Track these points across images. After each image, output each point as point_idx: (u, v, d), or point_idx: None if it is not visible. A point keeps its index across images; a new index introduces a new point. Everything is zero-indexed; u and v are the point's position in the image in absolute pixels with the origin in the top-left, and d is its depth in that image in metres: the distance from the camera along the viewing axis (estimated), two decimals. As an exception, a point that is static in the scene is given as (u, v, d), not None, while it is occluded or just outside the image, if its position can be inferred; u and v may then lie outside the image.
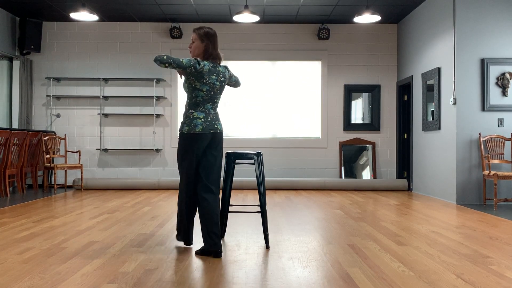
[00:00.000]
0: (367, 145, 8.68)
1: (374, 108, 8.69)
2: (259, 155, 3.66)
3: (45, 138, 7.69)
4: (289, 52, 8.68)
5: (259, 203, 3.65)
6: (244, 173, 8.35)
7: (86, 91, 8.63)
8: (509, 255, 3.36)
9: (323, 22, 8.51)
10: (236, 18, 7.21)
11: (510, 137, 6.29)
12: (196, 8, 7.79)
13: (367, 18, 7.06)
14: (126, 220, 4.80)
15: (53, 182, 7.98)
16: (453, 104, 6.41)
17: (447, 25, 6.60)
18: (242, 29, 8.66)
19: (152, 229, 4.31)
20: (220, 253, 3.27)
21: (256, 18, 7.14)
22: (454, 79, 6.38)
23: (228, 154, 3.75)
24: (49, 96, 8.57)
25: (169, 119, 8.67)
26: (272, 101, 8.73)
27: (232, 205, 3.97)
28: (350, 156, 8.69)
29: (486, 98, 6.30)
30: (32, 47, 8.31)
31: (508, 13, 6.34)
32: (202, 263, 3.10)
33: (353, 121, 8.76)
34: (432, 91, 7.10)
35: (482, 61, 6.32)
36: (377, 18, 7.06)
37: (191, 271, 2.91)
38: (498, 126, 6.34)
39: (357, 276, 2.80)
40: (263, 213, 3.62)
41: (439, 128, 6.85)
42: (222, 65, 3.54)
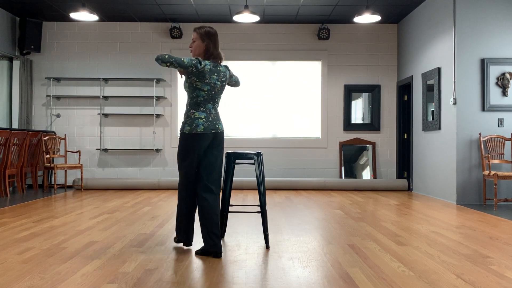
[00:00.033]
0: (367, 145, 8.68)
1: (374, 108, 8.69)
2: (259, 155, 3.66)
3: (45, 138, 7.69)
4: (289, 52, 8.68)
5: (259, 203, 3.65)
6: (244, 173, 8.35)
7: (86, 91, 8.63)
8: (509, 255, 3.36)
9: (323, 22, 8.51)
10: (236, 18, 7.21)
11: (510, 137, 6.29)
12: (196, 8, 7.79)
13: (367, 18, 7.06)
14: (126, 220, 4.80)
15: (53, 182, 7.98)
16: (453, 104, 6.41)
17: (447, 25, 6.60)
18: (242, 29, 8.66)
19: (152, 229, 4.31)
20: (220, 253, 3.27)
21: (256, 18, 7.14)
22: (454, 79, 6.38)
23: (228, 154, 3.75)
24: (49, 96, 8.57)
25: (169, 119, 8.67)
26: (272, 101, 8.73)
27: (232, 205, 3.96)
28: (350, 156, 8.69)
29: (486, 98, 6.30)
30: (32, 47, 8.31)
31: (508, 13, 6.34)
32: (202, 263, 3.10)
33: (353, 121, 8.75)
34: (432, 91, 7.10)
35: (482, 61, 6.32)
36: (377, 18, 7.06)
37: (191, 271, 2.91)
38: (498, 126, 6.34)
39: (357, 276, 2.80)
40: (263, 213, 3.62)
41: (439, 128, 6.85)
42: (223, 65, 3.54)
